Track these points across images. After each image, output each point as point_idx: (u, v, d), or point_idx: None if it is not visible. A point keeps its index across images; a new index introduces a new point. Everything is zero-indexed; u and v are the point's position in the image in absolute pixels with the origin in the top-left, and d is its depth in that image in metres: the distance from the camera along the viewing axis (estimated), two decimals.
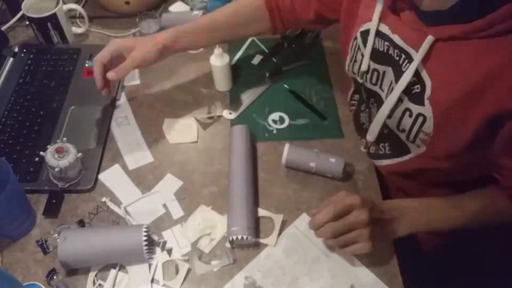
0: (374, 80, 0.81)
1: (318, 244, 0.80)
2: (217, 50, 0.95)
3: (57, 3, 1.06)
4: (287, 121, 0.97)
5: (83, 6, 1.14)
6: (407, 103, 0.73)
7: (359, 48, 0.81)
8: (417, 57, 0.68)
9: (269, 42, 1.12)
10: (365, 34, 0.78)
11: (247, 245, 0.79)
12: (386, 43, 0.75)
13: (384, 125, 0.79)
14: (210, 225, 0.81)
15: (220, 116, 0.98)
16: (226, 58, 0.97)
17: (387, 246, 0.80)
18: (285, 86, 1.02)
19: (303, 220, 0.82)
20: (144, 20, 1.10)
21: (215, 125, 0.97)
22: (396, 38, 0.73)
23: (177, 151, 0.92)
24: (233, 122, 0.97)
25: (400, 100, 0.74)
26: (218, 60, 0.96)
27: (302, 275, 0.76)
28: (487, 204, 0.76)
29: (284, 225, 0.82)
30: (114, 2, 1.15)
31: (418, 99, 0.71)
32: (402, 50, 0.72)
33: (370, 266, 0.77)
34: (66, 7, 1.08)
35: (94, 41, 1.14)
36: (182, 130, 0.95)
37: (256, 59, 1.09)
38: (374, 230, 0.72)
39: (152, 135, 0.95)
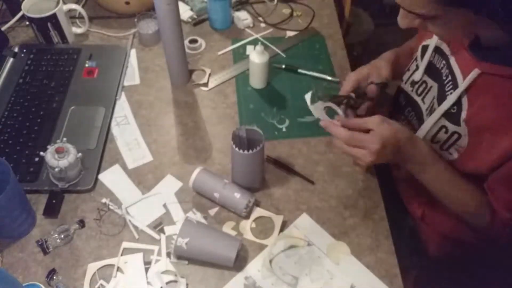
0: (420, 91, 0.87)
1: (318, 244, 0.80)
2: (259, 47, 0.95)
3: (57, 3, 1.06)
4: (292, 120, 0.97)
5: (83, 6, 1.14)
6: (443, 121, 0.79)
7: (416, 59, 0.88)
8: (462, 85, 0.75)
9: (274, 40, 1.13)
10: (425, 48, 0.86)
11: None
12: (443, 61, 0.82)
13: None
14: None
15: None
16: (266, 56, 0.97)
17: (387, 247, 0.80)
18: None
19: (303, 220, 0.82)
20: (143, 20, 1.10)
21: (215, 126, 0.97)
22: (452, 60, 0.79)
23: (177, 152, 0.92)
24: (241, 121, 0.97)
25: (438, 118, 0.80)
26: (258, 57, 0.96)
27: (302, 275, 0.76)
28: (478, 200, 0.79)
29: (284, 225, 0.82)
30: (114, 2, 1.15)
31: (454, 119, 0.78)
32: (452, 72, 0.79)
33: (370, 266, 0.77)
34: (66, 7, 1.08)
35: (94, 41, 1.14)
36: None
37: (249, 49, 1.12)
38: (381, 155, 0.74)
39: (152, 135, 0.95)
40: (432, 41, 0.84)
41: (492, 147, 0.73)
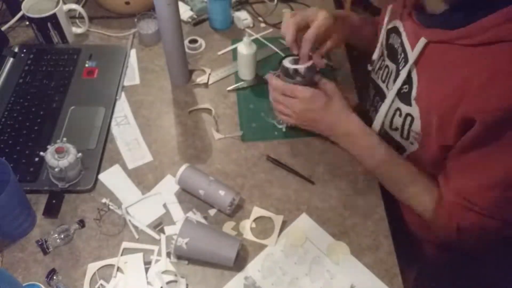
0: (383, 77, 0.85)
1: (318, 244, 0.80)
2: (246, 39, 0.97)
3: (57, 3, 1.06)
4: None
5: (83, 6, 1.14)
6: (397, 103, 0.77)
7: (381, 44, 0.86)
8: (411, 56, 0.72)
9: (274, 40, 1.13)
10: (387, 32, 0.84)
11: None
12: (399, 40, 0.79)
13: (381, 126, 0.82)
14: None
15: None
16: (254, 47, 0.99)
17: (387, 247, 0.80)
18: None
19: (303, 220, 0.82)
20: (143, 20, 1.10)
21: (215, 126, 0.97)
22: (404, 36, 0.77)
23: (177, 152, 0.92)
24: (241, 123, 0.97)
25: (392, 100, 0.78)
26: (246, 49, 0.98)
27: (302, 275, 0.76)
28: (418, 183, 0.78)
29: (284, 225, 0.82)
30: (114, 2, 1.15)
31: (406, 99, 0.75)
32: (403, 49, 0.76)
33: (370, 266, 0.77)
34: (66, 7, 1.08)
35: (94, 41, 1.14)
36: None
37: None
38: (305, 116, 0.84)
39: (152, 135, 0.95)
40: (386, 19, 0.82)
41: (447, 124, 0.68)
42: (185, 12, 1.17)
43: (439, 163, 0.75)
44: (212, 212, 0.84)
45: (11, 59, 1.07)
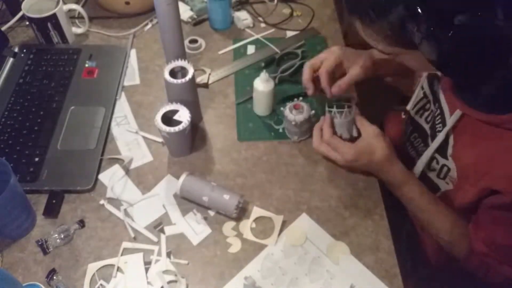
0: (428, 119, 0.88)
1: (318, 244, 0.80)
2: (264, 75, 0.90)
3: (57, 3, 1.06)
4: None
5: (83, 6, 1.14)
6: (435, 153, 0.82)
7: (422, 87, 0.90)
8: (448, 124, 0.77)
9: (274, 40, 1.13)
10: (430, 79, 0.87)
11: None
12: (435, 87, 0.85)
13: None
14: None
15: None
16: (271, 83, 0.91)
17: (387, 247, 0.80)
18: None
19: (303, 220, 0.82)
20: None
21: (215, 126, 0.97)
22: (442, 97, 0.81)
23: None
24: (238, 121, 0.97)
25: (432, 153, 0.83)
26: (262, 85, 0.91)
27: (302, 275, 0.76)
28: (455, 231, 0.81)
29: (284, 225, 0.82)
30: (114, 2, 1.15)
31: (442, 152, 0.80)
32: (440, 107, 0.81)
33: (370, 266, 0.77)
34: (66, 7, 1.08)
35: (94, 41, 1.14)
36: None
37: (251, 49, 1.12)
38: (353, 166, 0.86)
39: (152, 135, 0.95)
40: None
41: (475, 184, 0.74)
42: (185, 12, 1.17)
43: (472, 208, 0.78)
44: (212, 212, 0.84)
45: (11, 59, 1.07)
